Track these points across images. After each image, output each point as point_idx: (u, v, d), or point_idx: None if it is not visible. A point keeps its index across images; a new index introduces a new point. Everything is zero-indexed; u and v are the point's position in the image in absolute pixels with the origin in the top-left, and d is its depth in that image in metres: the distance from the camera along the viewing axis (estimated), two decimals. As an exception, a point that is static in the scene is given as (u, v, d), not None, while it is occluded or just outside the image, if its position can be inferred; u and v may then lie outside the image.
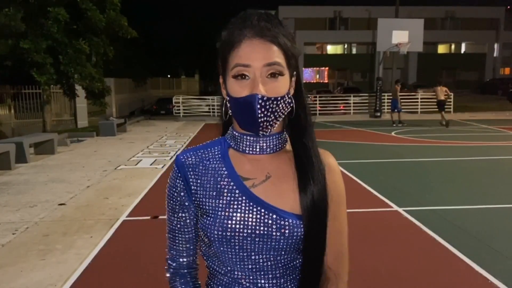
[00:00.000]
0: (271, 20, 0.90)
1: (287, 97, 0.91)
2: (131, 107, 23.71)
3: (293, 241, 0.91)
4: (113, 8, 13.64)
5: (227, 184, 0.94)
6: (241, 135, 0.96)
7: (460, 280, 3.45)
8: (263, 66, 0.87)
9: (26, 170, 8.24)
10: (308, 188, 0.92)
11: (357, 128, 14.91)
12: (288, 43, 0.90)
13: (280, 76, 0.89)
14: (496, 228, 4.63)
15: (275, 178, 0.95)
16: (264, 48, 0.87)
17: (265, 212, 0.91)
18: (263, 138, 0.95)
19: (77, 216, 5.30)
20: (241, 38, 0.88)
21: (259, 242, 0.91)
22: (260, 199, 0.92)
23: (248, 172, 0.95)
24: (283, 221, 0.90)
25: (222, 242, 0.91)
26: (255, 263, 0.93)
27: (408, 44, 17.69)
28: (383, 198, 5.78)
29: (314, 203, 0.92)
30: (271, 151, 0.96)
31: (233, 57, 0.89)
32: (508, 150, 9.64)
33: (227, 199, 0.93)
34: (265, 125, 0.89)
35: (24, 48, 11.50)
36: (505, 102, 24.98)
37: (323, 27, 41.83)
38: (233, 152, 0.98)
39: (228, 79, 0.90)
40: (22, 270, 3.75)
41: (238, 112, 0.91)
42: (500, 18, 42.07)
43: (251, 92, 0.87)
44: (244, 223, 0.90)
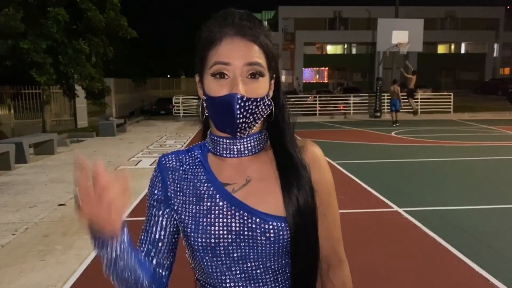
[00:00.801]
0: (252, 19, 0.88)
1: (266, 99, 0.88)
2: (130, 107, 23.71)
3: (280, 245, 0.87)
4: (113, 8, 13.64)
5: (207, 189, 0.91)
6: (218, 138, 0.93)
7: (461, 280, 3.45)
8: (243, 65, 0.84)
9: (25, 170, 8.23)
10: (292, 190, 0.89)
11: (357, 128, 14.91)
12: (269, 43, 0.88)
13: (260, 77, 0.86)
14: (496, 228, 4.63)
15: (255, 181, 0.91)
16: (245, 47, 0.85)
17: (248, 216, 0.87)
18: (240, 140, 0.91)
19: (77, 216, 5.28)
20: (222, 35, 0.85)
21: (245, 247, 0.87)
22: (242, 203, 0.88)
23: (227, 177, 0.92)
24: (267, 224, 0.87)
25: (206, 250, 0.87)
26: (243, 272, 0.89)
27: (408, 44, 17.69)
28: (383, 199, 5.77)
29: (299, 205, 0.88)
30: (250, 153, 0.93)
31: (212, 54, 0.86)
32: (508, 150, 9.64)
33: (208, 205, 0.89)
34: (244, 126, 0.86)
35: (24, 48, 11.49)
36: (505, 102, 24.99)
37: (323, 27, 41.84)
38: (212, 156, 0.95)
39: (206, 77, 0.87)
40: (22, 271, 3.75)
41: (216, 112, 0.88)
42: (500, 18, 42.10)
43: (230, 92, 0.84)
44: (228, 229, 0.87)
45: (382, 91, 18.61)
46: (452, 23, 42.29)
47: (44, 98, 13.75)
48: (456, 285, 3.38)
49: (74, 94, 14.20)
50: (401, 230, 4.66)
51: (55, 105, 15.99)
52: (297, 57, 39.34)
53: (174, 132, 14.71)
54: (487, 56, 41.91)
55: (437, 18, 41.25)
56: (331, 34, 41.68)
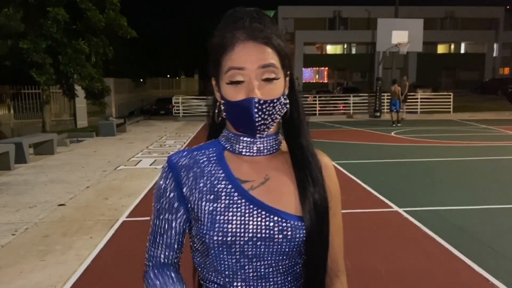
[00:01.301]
0: (262, 20, 0.89)
1: (282, 98, 0.90)
2: (130, 107, 23.70)
3: (296, 244, 0.88)
4: (112, 8, 13.62)
5: (225, 187, 0.91)
6: (237, 136, 0.94)
7: (461, 280, 3.45)
8: (257, 68, 0.86)
9: (25, 170, 8.23)
10: (308, 189, 0.91)
11: (356, 128, 14.91)
12: (281, 43, 0.89)
13: (275, 79, 0.88)
14: (496, 228, 4.63)
15: (273, 180, 0.93)
16: (258, 50, 0.86)
17: (266, 214, 0.88)
18: (260, 139, 0.93)
19: (76, 216, 5.29)
20: (234, 41, 0.87)
21: (261, 246, 0.87)
22: (260, 202, 0.89)
23: (246, 175, 0.92)
24: (285, 223, 0.88)
25: (222, 248, 0.87)
26: (255, 270, 0.89)
27: (407, 44, 17.69)
28: (383, 199, 5.77)
29: (315, 204, 0.90)
30: (268, 152, 0.95)
31: (226, 60, 0.87)
32: (508, 150, 9.64)
33: (225, 202, 0.89)
34: (262, 128, 0.89)
35: (23, 48, 11.48)
36: (505, 102, 24.98)
37: (322, 27, 41.83)
38: (229, 154, 0.95)
39: (222, 83, 0.89)
40: (22, 271, 3.74)
41: (234, 116, 0.90)
42: (499, 18, 42.09)
43: (247, 96, 0.86)
44: (245, 227, 0.87)
45: (382, 91, 18.61)
46: (452, 23, 42.28)
47: (43, 98, 13.73)
48: (456, 285, 3.38)
49: (74, 94, 14.19)
50: (401, 230, 4.66)
51: (54, 105, 15.97)
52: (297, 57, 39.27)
53: (174, 132, 14.71)
54: (486, 56, 41.90)
55: (436, 18, 41.24)
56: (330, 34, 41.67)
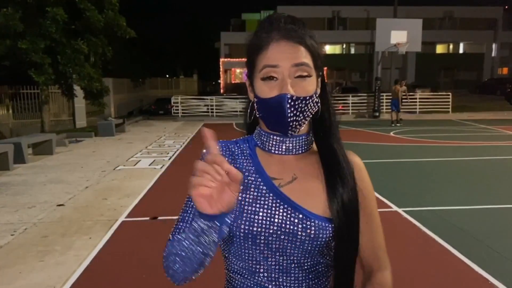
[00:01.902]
0: (296, 22, 0.93)
1: (315, 96, 0.92)
2: (129, 107, 23.68)
3: (318, 244, 0.90)
4: (111, 8, 13.61)
5: (255, 179, 0.94)
6: (268, 135, 0.97)
7: (460, 280, 3.45)
8: (291, 67, 0.88)
9: (24, 170, 8.21)
10: (337, 191, 0.92)
11: (355, 128, 14.91)
12: (314, 44, 0.92)
13: (308, 77, 0.90)
14: (496, 228, 4.63)
15: (301, 179, 0.95)
16: (292, 49, 0.89)
17: (291, 210, 0.91)
18: (290, 139, 0.96)
19: (76, 217, 5.28)
20: (269, 40, 0.90)
21: (284, 240, 0.90)
22: (287, 197, 0.92)
23: (275, 172, 0.95)
24: (309, 221, 0.90)
25: (247, 238, 0.90)
26: (278, 264, 0.92)
27: (406, 44, 17.70)
28: (382, 199, 5.77)
29: (344, 206, 0.92)
30: (297, 152, 0.97)
31: (261, 59, 0.90)
32: (507, 150, 9.65)
33: (254, 194, 0.93)
34: (294, 125, 0.90)
35: (22, 48, 11.46)
36: (503, 102, 25.02)
37: (321, 27, 41.81)
38: (260, 151, 0.99)
39: (257, 81, 0.92)
40: (21, 272, 3.74)
41: (268, 113, 0.92)
42: (498, 18, 42.13)
43: (280, 92, 0.88)
44: (271, 219, 0.90)
45: (380, 91, 18.62)
46: (450, 23, 42.32)
47: (42, 98, 13.71)
48: (456, 286, 3.38)
49: (73, 94, 14.18)
50: (400, 230, 4.66)
51: (53, 105, 15.94)
52: (296, 57, 39.28)
53: (173, 132, 14.69)
54: (485, 56, 41.96)
55: (435, 18, 41.27)
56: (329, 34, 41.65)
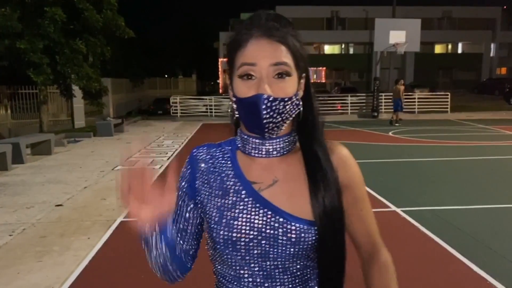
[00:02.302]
0: (279, 19, 0.89)
1: (294, 98, 0.88)
2: (128, 107, 23.66)
3: (301, 248, 0.87)
4: (110, 8, 13.61)
5: (234, 184, 0.92)
6: (247, 138, 0.94)
7: (459, 280, 3.45)
8: (269, 66, 0.84)
9: (23, 170, 8.20)
10: (319, 196, 0.89)
11: (354, 128, 14.93)
12: (296, 43, 0.89)
13: (287, 76, 0.86)
14: (494, 228, 4.64)
15: (282, 182, 0.92)
16: (272, 48, 0.85)
17: (272, 214, 0.88)
18: (269, 141, 0.92)
19: (74, 217, 5.28)
20: (248, 37, 0.87)
21: (265, 245, 0.88)
22: (267, 201, 0.89)
23: (255, 176, 0.92)
24: (290, 225, 0.87)
25: (227, 244, 0.88)
26: (263, 270, 0.89)
27: (405, 44, 17.72)
28: (381, 199, 5.77)
29: (326, 211, 0.89)
30: (278, 154, 0.93)
31: (240, 56, 0.87)
32: (505, 150, 9.66)
33: (233, 199, 0.90)
34: (271, 126, 0.86)
35: (20, 48, 11.45)
36: (502, 102, 25.06)
37: (320, 27, 41.82)
38: (241, 154, 0.96)
39: (235, 79, 0.88)
40: (19, 272, 3.73)
41: (244, 113, 0.89)
42: (496, 18, 42.17)
43: (257, 92, 0.84)
44: (250, 225, 0.88)
45: (379, 91, 18.62)
46: (449, 23, 42.35)
47: (41, 98, 13.70)
48: (454, 285, 3.39)
49: (71, 94, 14.17)
50: (399, 230, 4.66)
51: (52, 105, 15.94)
52: (295, 57, 39.30)
53: (171, 132, 14.68)
54: (484, 56, 42.00)
55: (434, 18, 41.29)
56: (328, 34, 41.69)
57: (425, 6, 40.65)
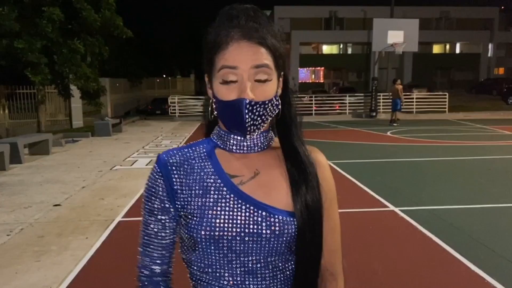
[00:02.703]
0: (258, 18, 0.88)
1: (274, 99, 0.89)
2: (126, 107, 23.64)
3: (284, 240, 0.87)
4: (108, 7, 13.57)
5: (214, 181, 0.91)
6: (228, 134, 0.94)
7: (456, 279, 3.46)
8: (250, 68, 0.85)
9: (20, 170, 8.18)
10: (301, 191, 0.90)
11: (352, 128, 14.95)
12: (276, 43, 0.88)
13: (268, 80, 0.87)
14: (491, 227, 4.65)
15: (263, 174, 0.92)
16: (252, 50, 0.85)
17: (254, 209, 0.88)
18: (250, 137, 0.93)
19: (72, 217, 5.27)
20: (228, 40, 0.86)
21: (249, 241, 0.87)
22: (248, 196, 0.89)
23: (236, 170, 0.92)
24: (273, 217, 0.87)
25: (209, 243, 0.87)
26: (244, 266, 0.89)
27: (403, 44, 17.75)
28: (379, 198, 5.79)
29: (307, 206, 0.89)
30: (259, 149, 0.94)
31: (220, 59, 0.86)
32: (503, 150, 9.69)
33: (214, 197, 0.89)
34: (252, 128, 0.88)
35: (18, 47, 11.41)
36: (500, 102, 25.14)
37: (318, 27, 41.86)
38: (220, 150, 0.95)
39: (215, 81, 0.88)
40: (17, 272, 3.72)
41: (225, 115, 0.89)
42: (494, 18, 42.28)
43: (239, 96, 0.85)
44: (233, 222, 0.87)
45: (377, 91, 18.65)
46: (447, 23, 42.45)
47: (39, 98, 13.68)
48: (452, 284, 3.40)
49: (69, 94, 14.14)
50: (397, 229, 4.67)
51: (50, 105, 15.90)
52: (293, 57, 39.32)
53: (170, 132, 14.68)
54: (481, 56, 42.09)
55: (432, 18, 41.38)
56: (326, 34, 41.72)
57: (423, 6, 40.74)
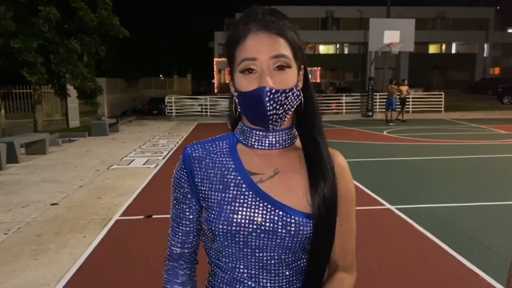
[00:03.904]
0: (276, 13, 0.90)
1: (295, 89, 0.89)
2: (123, 107, 23.58)
3: (299, 240, 0.89)
4: (104, 7, 13.55)
5: (234, 178, 0.93)
6: (250, 130, 0.95)
7: (452, 275, 3.50)
8: (269, 59, 0.86)
9: (17, 170, 8.17)
10: (319, 185, 0.91)
11: (349, 127, 14.99)
12: (294, 35, 0.90)
13: (287, 68, 0.87)
14: (486, 224, 4.70)
15: (283, 174, 0.93)
16: (270, 41, 0.87)
17: (271, 208, 0.90)
18: (273, 133, 0.94)
19: (70, 216, 5.28)
20: (246, 32, 0.88)
21: (264, 238, 0.89)
22: (267, 195, 0.91)
23: (256, 167, 0.93)
24: (290, 218, 0.89)
25: (226, 236, 0.90)
26: (258, 261, 0.91)
27: (399, 44, 17.82)
28: (375, 197, 5.82)
29: (325, 202, 0.91)
30: (280, 146, 0.95)
31: (240, 52, 0.88)
32: (498, 149, 9.76)
33: (233, 193, 0.91)
34: (275, 118, 0.88)
35: (14, 47, 11.37)
36: (495, 101, 25.26)
37: (315, 27, 41.92)
38: (242, 147, 0.97)
39: (236, 74, 0.89)
40: (15, 270, 3.73)
41: (247, 107, 0.90)
42: (490, 19, 42.49)
43: (259, 85, 0.86)
44: (250, 218, 0.89)
45: (374, 91, 18.71)
46: (443, 23, 42.60)
47: (35, 98, 13.64)
48: (447, 280, 3.43)
49: (66, 94, 14.10)
50: (393, 227, 4.71)
51: (46, 105, 15.85)
52: (290, 57, 39.35)
53: (167, 132, 14.67)
54: (477, 56, 42.30)
55: (428, 18, 41.52)
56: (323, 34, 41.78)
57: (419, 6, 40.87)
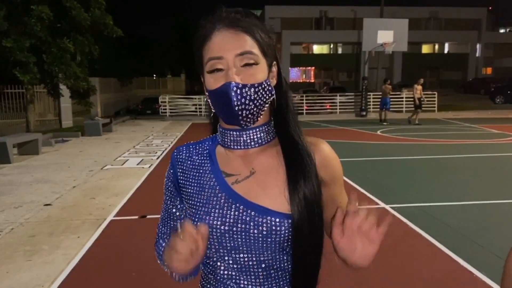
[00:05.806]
0: (242, 11, 0.89)
1: (265, 83, 0.88)
2: (116, 107, 23.45)
3: (273, 240, 0.87)
4: (98, 6, 13.46)
5: (209, 180, 0.93)
6: (226, 130, 0.94)
7: (446, 274, 3.52)
8: (235, 56, 0.85)
9: (9, 170, 8.09)
10: (298, 184, 0.89)
11: (343, 127, 15.03)
12: (261, 33, 0.89)
13: (255, 65, 0.86)
14: (480, 223, 4.73)
15: (260, 173, 0.92)
16: (235, 38, 0.86)
17: (243, 208, 0.89)
18: (247, 132, 0.92)
19: (63, 216, 5.24)
20: (212, 31, 0.87)
21: (238, 239, 0.89)
22: (239, 196, 0.90)
23: (233, 168, 0.93)
24: (262, 218, 0.87)
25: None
26: (236, 262, 0.91)
27: (393, 44, 17.91)
28: (370, 196, 5.84)
29: (305, 201, 0.88)
30: (256, 144, 0.93)
31: (206, 51, 0.88)
32: (490, 148, 9.84)
33: (207, 194, 0.92)
34: (245, 113, 0.86)
35: (6, 46, 11.25)
36: (487, 101, 25.46)
37: (309, 27, 42.01)
38: (221, 148, 0.97)
39: (205, 74, 0.89)
40: (8, 271, 3.69)
41: (217, 105, 0.89)
42: (482, 19, 42.87)
43: (225, 82, 0.85)
44: (222, 219, 0.89)
45: (368, 90, 18.79)
46: (436, 24, 42.91)
47: (27, 98, 13.51)
48: (442, 279, 3.45)
49: (59, 94, 13.99)
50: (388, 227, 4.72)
51: (39, 104, 15.73)
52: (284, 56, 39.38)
53: (161, 132, 14.62)
54: (470, 56, 42.63)
55: (421, 19, 41.79)
56: (317, 34, 41.89)
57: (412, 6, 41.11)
